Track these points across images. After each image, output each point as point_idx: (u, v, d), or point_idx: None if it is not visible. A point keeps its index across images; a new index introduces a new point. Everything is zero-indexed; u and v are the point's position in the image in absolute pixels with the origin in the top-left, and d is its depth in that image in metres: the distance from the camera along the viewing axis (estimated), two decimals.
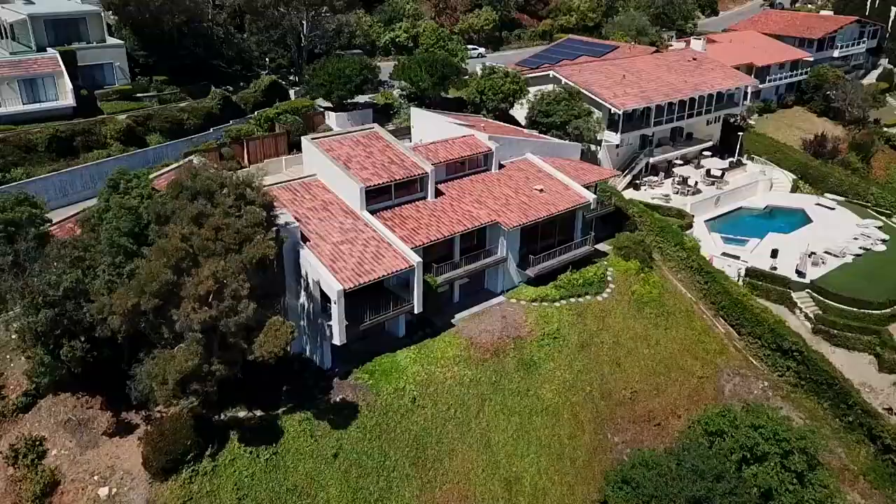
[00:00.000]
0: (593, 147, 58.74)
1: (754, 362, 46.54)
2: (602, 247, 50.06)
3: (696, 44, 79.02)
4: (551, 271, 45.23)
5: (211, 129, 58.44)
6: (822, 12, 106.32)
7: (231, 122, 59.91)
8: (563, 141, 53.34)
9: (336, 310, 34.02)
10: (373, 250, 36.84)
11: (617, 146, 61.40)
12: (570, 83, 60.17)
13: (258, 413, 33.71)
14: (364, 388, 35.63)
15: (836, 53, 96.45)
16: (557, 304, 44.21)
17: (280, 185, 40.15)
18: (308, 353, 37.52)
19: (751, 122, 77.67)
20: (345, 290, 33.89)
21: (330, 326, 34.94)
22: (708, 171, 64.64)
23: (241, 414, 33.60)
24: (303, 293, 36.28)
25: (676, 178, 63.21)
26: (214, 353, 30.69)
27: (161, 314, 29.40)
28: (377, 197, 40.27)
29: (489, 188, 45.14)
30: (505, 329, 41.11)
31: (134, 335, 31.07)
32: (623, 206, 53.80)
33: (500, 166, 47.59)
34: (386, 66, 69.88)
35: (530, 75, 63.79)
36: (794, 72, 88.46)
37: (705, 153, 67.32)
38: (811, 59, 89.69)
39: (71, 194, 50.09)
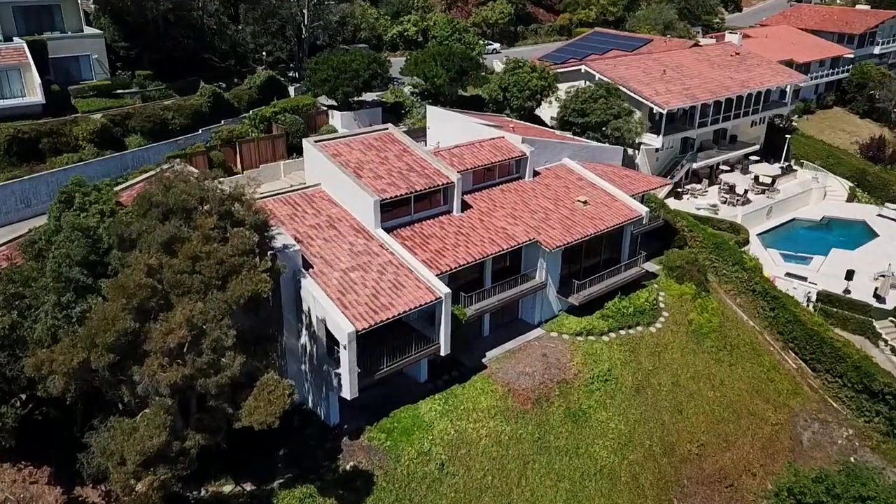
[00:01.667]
0: (630, 151, 51.84)
1: (834, 405, 39.64)
2: (648, 266, 43.14)
3: (732, 39, 72.34)
4: (596, 298, 38.29)
5: (199, 130, 51.54)
6: (858, 6, 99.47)
7: (223, 121, 53.01)
8: (603, 144, 46.46)
9: (346, 356, 27.10)
10: (390, 279, 29.93)
11: (657, 150, 54.58)
12: (604, 79, 53.33)
13: (248, 487, 26.77)
14: (380, 451, 28.69)
15: (876, 50, 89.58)
16: (606, 337, 37.30)
17: (277, 197, 33.25)
18: (311, 404, 30.61)
19: (795, 123, 70.86)
20: (357, 331, 26.99)
21: (338, 375, 28.02)
22: (756, 178, 57.81)
23: (227, 489, 26.68)
24: (304, 332, 29.37)
25: (723, 186, 56.38)
26: (190, 421, 23.78)
27: (120, 370, 22.49)
28: (394, 211, 33.41)
29: (524, 200, 38.23)
30: (547, 371, 34.20)
31: (88, 392, 24.22)
32: (670, 218, 46.89)
33: (535, 173, 40.72)
34: (393, 62, 62.98)
35: (558, 70, 56.92)
36: (834, 69, 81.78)
37: (752, 158, 60.46)
38: (852, 55, 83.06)
39: (35, 205, 43.21)
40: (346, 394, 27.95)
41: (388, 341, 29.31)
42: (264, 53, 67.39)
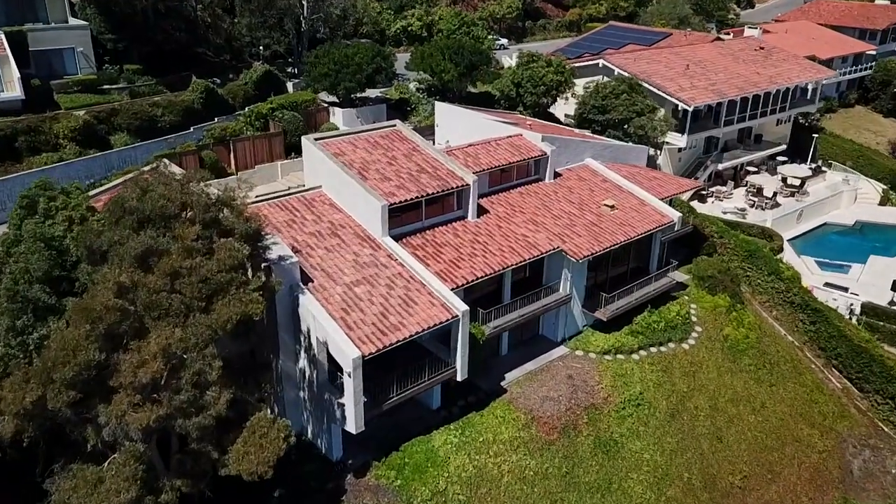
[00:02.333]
0: (651, 151, 48.33)
1: (885, 429, 36.12)
2: (675, 275, 39.50)
3: (752, 34, 68.97)
4: (624, 312, 34.76)
5: (191, 128, 48.06)
6: (878, 1, 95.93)
7: (216, 119, 49.52)
8: (626, 143, 42.96)
9: (350, 385, 23.56)
10: (400, 294, 26.40)
11: (680, 150, 51.10)
12: (624, 73, 49.84)
13: None
14: (390, 491, 25.16)
15: None
16: (636, 355, 33.78)
17: (273, 201, 29.76)
18: (310, 434, 27.07)
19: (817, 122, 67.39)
20: (363, 356, 23.46)
21: (341, 406, 24.48)
22: (784, 180, 54.32)
23: None
24: (303, 355, 25.85)
25: (750, 189, 52.90)
26: (170, 462, 20.28)
27: (83, 408, 18.98)
28: (403, 217, 29.93)
29: (545, 204, 34.71)
30: (574, 395, 30.68)
31: (50, 430, 20.71)
32: (698, 224, 43.35)
33: (556, 175, 37.21)
34: (397, 58, 59.46)
35: (574, 65, 53.40)
36: (856, 66, 78.33)
37: (779, 158, 56.97)
38: (875, 52, 79.64)
39: (10, 207, 39.69)
40: (351, 427, 24.41)
41: (398, 365, 25.79)
42: (261, 48, 63.85)
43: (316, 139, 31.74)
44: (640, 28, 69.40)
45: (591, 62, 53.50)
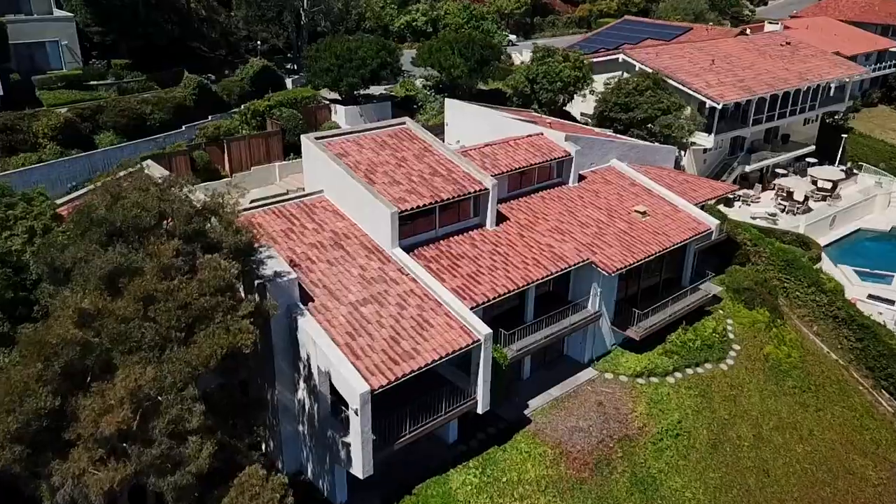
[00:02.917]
0: (675, 152, 45.03)
1: None
2: (707, 286, 36.19)
3: (772, 29, 65.77)
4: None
5: (183, 127, 44.86)
6: None
7: (209, 117, 46.31)
8: (653, 144, 39.69)
9: (357, 423, 20.26)
10: (413, 315, 23.10)
11: (705, 150, 47.84)
12: (646, 69, 46.58)
13: None
14: None
15: None
16: (671, 378, 30.51)
17: (268, 208, 26.49)
18: (310, 474, 23.76)
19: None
20: (372, 390, 20.15)
21: (346, 446, 21.18)
22: (815, 183, 51.05)
23: None
24: (302, 384, 22.55)
25: (779, 192, 49.63)
26: None
27: (35, 462, 15.66)
28: (415, 226, 26.65)
29: (570, 210, 31.44)
30: (606, 425, 27.38)
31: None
32: (730, 230, 40.04)
33: (580, 178, 33.93)
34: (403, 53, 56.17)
35: (592, 60, 50.13)
36: (880, 64, 75.05)
37: (808, 160, 53.72)
38: None
39: None
40: (358, 470, 21.10)
41: (410, 395, 22.48)
42: (258, 42, 60.54)
43: (317, 138, 28.46)
44: (658, 22, 66.20)
45: (609, 57, 50.24)
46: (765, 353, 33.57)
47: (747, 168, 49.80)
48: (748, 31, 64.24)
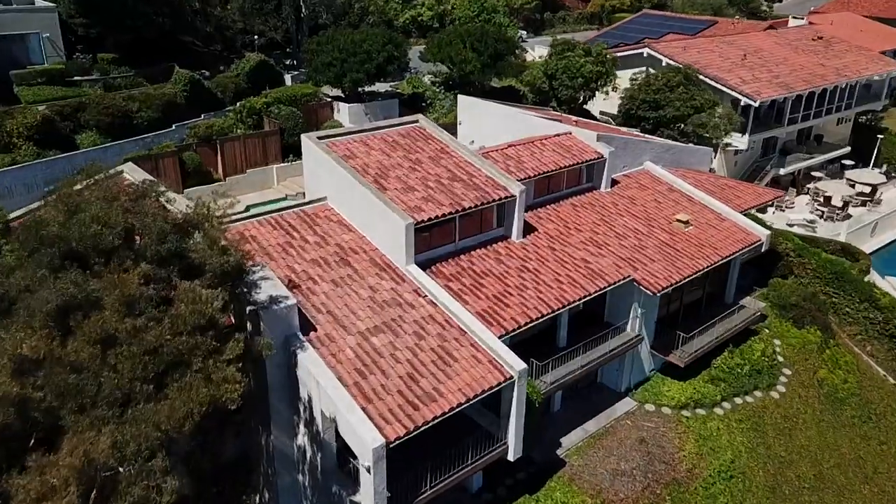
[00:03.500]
0: (712, 154, 41.57)
1: None
2: (748, 301, 32.63)
3: (796, 24, 62.30)
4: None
5: (173, 126, 41.35)
6: None
7: (202, 115, 42.85)
8: (688, 144, 36.20)
9: (370, 483, 16.72)
10: (434, 345, 19.58)
11: (736, 152, 44.36)
12: (673, 63, 43.11)
13: None
14: None
15: None
16: (720, 409, 27.02)
17: (264, 218, 23.01)
18: None
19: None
20: (387, 443, 16.62)
21: None
22: (853, 186, 47.57)
23: None
24: (302, 429, 19.04)
25: (815, 197, 46.16)
26: None
27: None
28: (432, 238, 23.16)
29: (605, 219, 27.93)
30: (651, 466, 23.86)
31: None
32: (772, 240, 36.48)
33: (612, 182, 30.44)
34: (411, 46, 52.71)
35: (615, 55, 46.66)
36: None
37: (845, 162, 50.27)
38: None
39: None
40: None
41: (430, 441, 18.92)
42: (256, 37, 57.02)
43: (319, 138, 24.97)
44: (680, 16, 62.76)
45: (632, 52, 46.78)
46: (819, 379, 30.08)
47: (781, 171, 46.36)
48: (774, 25, 60.70)
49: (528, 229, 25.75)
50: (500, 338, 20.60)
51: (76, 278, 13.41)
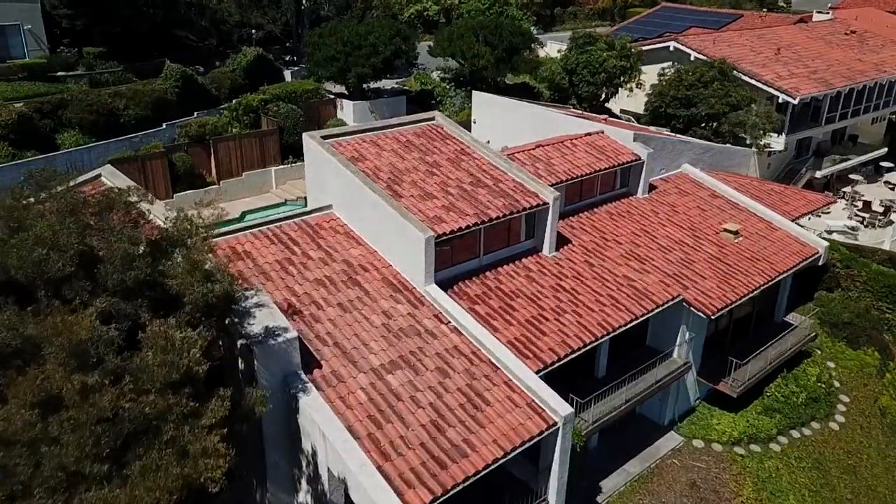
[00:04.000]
0: (753, 155, 38.44)
1: None
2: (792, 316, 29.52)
3: (821, 19, 59.12)
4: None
5: (163, 125, 38.24)
6: None
7: (195, 113, 39.74)
8: (728, 145, 33.08)
9: None
10: (461, 385, 16.44)
11: (770, 153, 41.21)
12: (702, 57, 40.00)
13: None
14: None
15: None
16: (776, 445, 23.86)
17: (260, 230, 19.87)
18: None
19: None
20: None
21: None
22: (894, 189, 44.46)
23: None
24: (304, 486, 15.86)
25: (855, 202, 43.02)
26: None
27: None
28: (454, 252, 20.03)
29: (645, 229, 24.80)
30: None
31: None
32: None
33: (650, 187, 27.31)
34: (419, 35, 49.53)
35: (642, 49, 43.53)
36: None
37: (884, 164, 47.15)
38: None
39: None
40: None
41: (456, 499, 15.74)
42: (253, 31, 53.88)
43: (324, 137, 21.83)
44: (701, 9, 59.56)
45: (656, 46, 43.64)
46: (881, 407, 26.96)
47: (818, 174, 43.22)
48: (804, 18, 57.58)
49: (560, 241, 22.61)
50: (537, 373, 17.47)
51: (9, 319, 10.28)
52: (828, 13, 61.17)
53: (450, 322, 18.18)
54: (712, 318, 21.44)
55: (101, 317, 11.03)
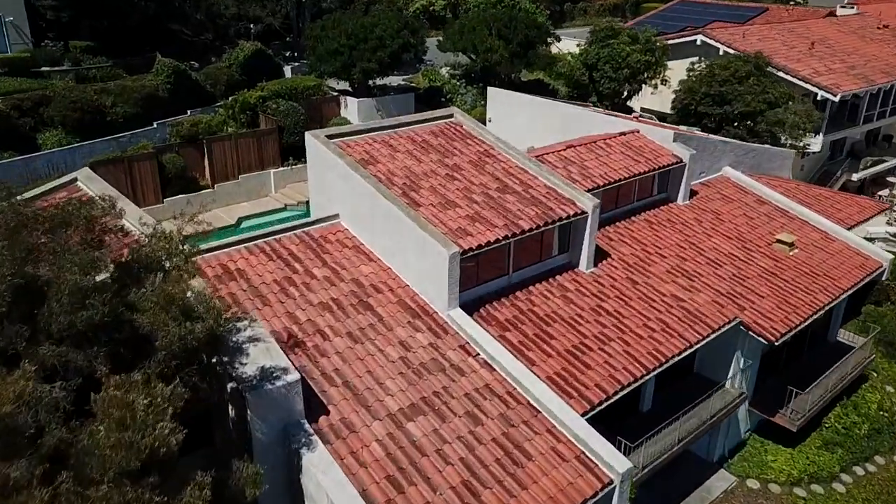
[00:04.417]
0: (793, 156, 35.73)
1: None
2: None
3: (845, 13, 56.39)
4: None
5: (154, 124, 35.56)
6: None
7: (188, 111, 37.04)
8: (768, 146, 30.36)
9: None
10: (496, 434, 13.70)
11: (804, 155, 38.44)
12: (732, 51, 37.27)
13: None
14: None
15: None
16: (840, 485, 21.13)
17: (256, 244, 17.13)
18: None
19: None
20: None
21: None
22: None
23: None
24: None
25: (894, 206, 40.16)
26: None
27: None
28: (479, 269, 17.28)
29: (689, 240, 22.06)
30: None
31: None
32: None
33: (690, 193, 24.57)
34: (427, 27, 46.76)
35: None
36: None
37: None
38: None
39: None
40: None
41: None
42: (251, 25, 51.13)
43: (329, 137, 19.09)
44: (725, 3, 56.69)
45: (682, 39, 40.90)
46: None
47: (854, 176, 40.49)
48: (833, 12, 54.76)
49: (598, 255, 19.87)
50: (583, 415, 14.74)
51: None
52: (851, 7, 58.57)
53: (479, 354, 15.45)
54: (776, 343, 18.68)
55: (42, 373, 8.31)
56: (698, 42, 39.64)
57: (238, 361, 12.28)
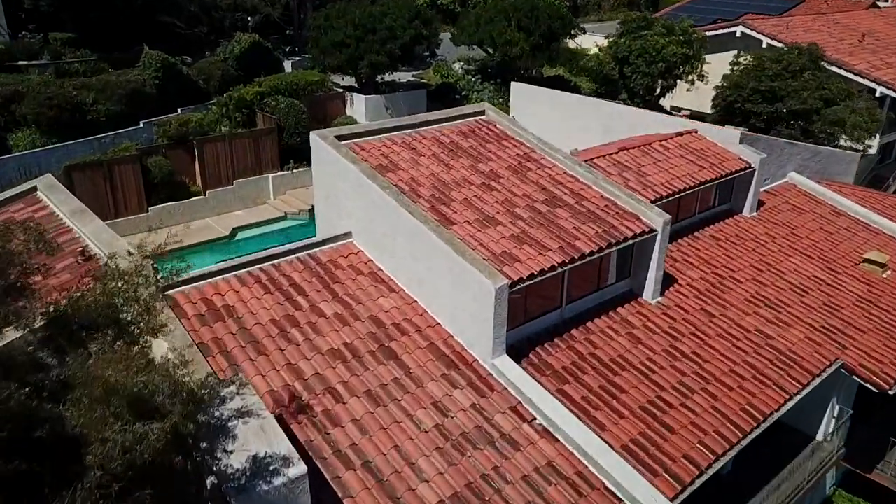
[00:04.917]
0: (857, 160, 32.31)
1: None
2: None
3: (886, 6, 53.15)
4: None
5: (140, 123, 32.17)
6: None
7: (179, 109, 33.64)
8: (834, 149, 26.96)
9: None
10: None
11: (863, 155, 34.98)
12: (775, 44, 33.90)
13: None
14: None
15: None
16: None
17: (250, 270, 13.68)
18: None
19: None
20: None
21: None
22: None
23: None
24: None
25: None
26: None
27: None
28: (526, 303, 13.83)
29: (765, 260, 18.63)
30: None
31: None
32: None
33: (759, 203, 21.15)
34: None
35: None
36: None
37: None
38: None
39: None
40: None
41: None
42: (248, 17, 47.69)
43: (339, 137, 15.65)
44: None
45: (719, 31, 37.48)
46: None
47: None
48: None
49: (664, 281, 16.42)
50: (672, 500, 11.29)
51: None
52: (887, 0, 55.39)
53: (535, 419, 12.02)
54: (889, 392, 15.22)
55: None
56: (738, 34, 36.23)
57: (220, 447, 8.84)
